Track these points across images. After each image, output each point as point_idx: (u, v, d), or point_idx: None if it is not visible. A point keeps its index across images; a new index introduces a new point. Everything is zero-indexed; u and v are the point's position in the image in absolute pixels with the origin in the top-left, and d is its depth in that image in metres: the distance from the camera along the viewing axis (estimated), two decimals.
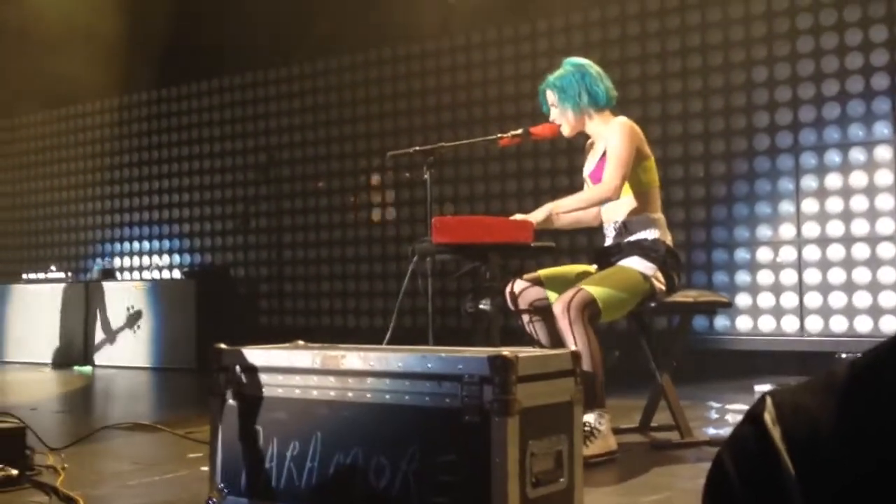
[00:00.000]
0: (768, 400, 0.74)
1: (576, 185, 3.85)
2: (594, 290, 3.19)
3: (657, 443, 3.47)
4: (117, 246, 8.96)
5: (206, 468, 2.45)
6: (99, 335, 7.40)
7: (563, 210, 3.46)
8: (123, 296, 7.35)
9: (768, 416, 0.72)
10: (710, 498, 0.75)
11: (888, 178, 5.28)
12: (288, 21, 7.87)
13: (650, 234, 3.43)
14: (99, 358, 7.31)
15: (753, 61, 5.77)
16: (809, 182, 5.54)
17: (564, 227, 3.64)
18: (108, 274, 7.94)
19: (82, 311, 7.47)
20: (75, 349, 7.43)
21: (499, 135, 3.68)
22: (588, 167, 3.58)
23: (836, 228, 5.43)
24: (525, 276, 3.54)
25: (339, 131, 7.61)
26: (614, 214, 3.47)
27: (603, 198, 3.40)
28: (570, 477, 2.20)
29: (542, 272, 3.56)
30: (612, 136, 3.40)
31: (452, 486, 2.07)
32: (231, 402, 2.41)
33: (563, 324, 3.16)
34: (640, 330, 3.63)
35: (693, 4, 6.01)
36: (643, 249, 3.38)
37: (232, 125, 8.25)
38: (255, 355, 2.41)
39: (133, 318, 7.20)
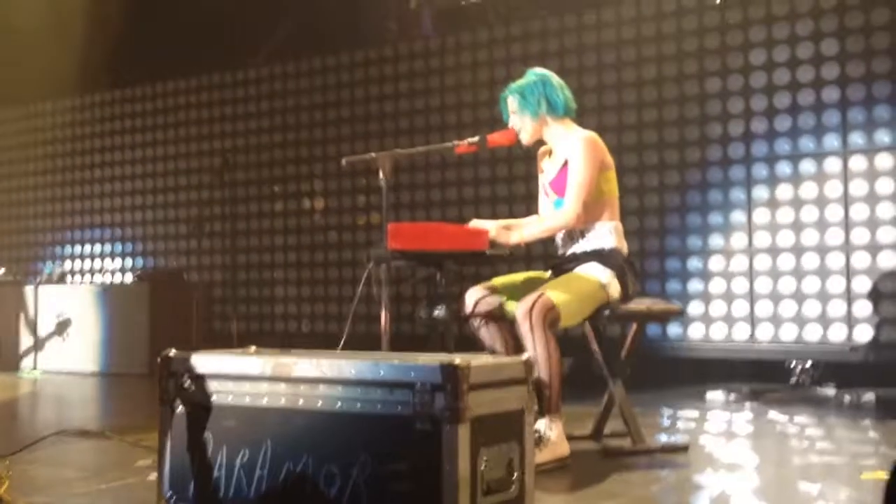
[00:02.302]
0: None
1: (532, 193, 3.86)
2: (555, 295, 3.21)
3: (610, 450, 3.49)
4: (68, 249, 8.82)
5: (154, 476, 2.41)
6: (26, 340, 7.29)
7: (528, 240, 3.49)
8: (62, 300, 7.24)
9: None
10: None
11: (838, 190, 5.38)
12: (244, 24, 7.83)
13: (608, 243, 3.46)
14: (48, 362, 7.18)
15: (707, 73, 5.85)
16: (761, 192, 5.62)
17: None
18: (60, 277, 7.81)
19: (19, 315, 7.36)
20: (10, 353, 7.31)
21: (455, 142, 3.68)
22: (548, 176, 3.60)
23: (786, 238, 5.51)
24: (479, 285, 3.55)
25: (295, 136, 7.57)
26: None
27: (567, 226, 3.45)
28: (522, 484, 2.20)
29: (497, 280, 3.57)
30: (574, 154, 3.43)
31: (404, 494, 2.06)
32: (180, 409, 2.38)
33: (523, 329, 3.17)
34: (593, 337, 3.65)
35: (649, 17, 6.07)
36: (601, 257, 3.42)
37: (187, 128, 8.17)
38: (205, 362, 2.38)
39: (62, 326, 7.10)
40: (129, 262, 8.40)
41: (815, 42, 5.51)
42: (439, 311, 3.44)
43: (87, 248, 8.71)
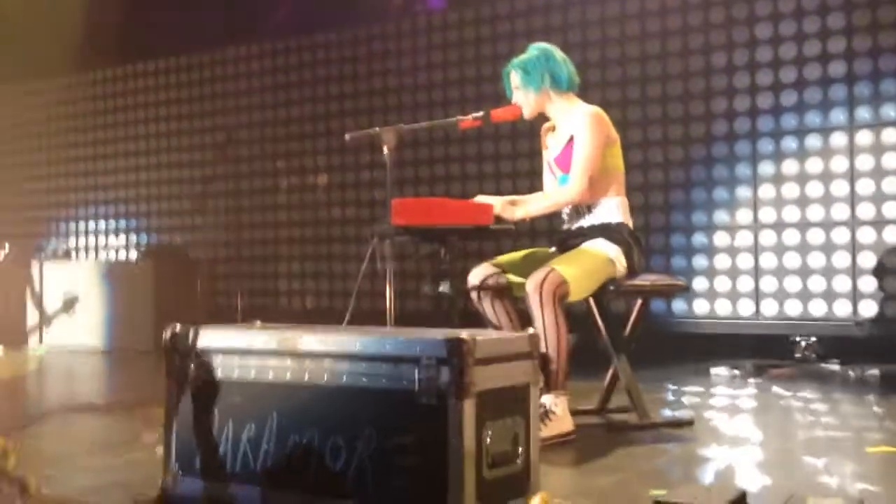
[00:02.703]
0: None
1: (536, 169, 3.85)
2: (564, 270, 3.20)
3: (614, 425, 3.50)
4: (73, 225, 8.83)
5: (160, 450, 2.42)
6: (32, 317, 7.30)
7: (533, 215, 3.48)
8: (67, 277, 7.25)
9: None
10: None
11: (843, 165, 5.35)
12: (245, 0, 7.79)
13: (614, 218, 3.45)
14: (54, 339, 7.21)
15: (712, 47, 5.81)
16: (766, 168, 5.60)
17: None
18: (64, 254, 7.82)
19: (25, 292, 7.37)
20: (16, 330, 7.33)
21: (459, 117, 3.66)
22: (553, 151, 3.59)
23: (791, 214, 5.50)
24: (485, 262, 3.54)
25: (298, 112, 7.55)
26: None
27: (572, 201, 3.44)
28: (527, 458, 2.21)
29: (502, 257, 3.57)
30: (580, 130, 3.41)
31: (409, 468, 2.06)
32: (186, 383, 2.38)
33: (533, 304, 3.16)
34: (598, 313, 3.65)
35: None
36: (608, 232, 3.41)
37: (189, 104, 8.15)
38: (211, 336, 2.38)
39: (68, 303, 7.11)
40: (133, 238, 8.41)
41: (821, 16, 5.46)
42: (444, 287, 3.43)
43: (92, 224, 8.72)
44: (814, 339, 5.40)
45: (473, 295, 3.50)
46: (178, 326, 2.43)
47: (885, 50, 5.29)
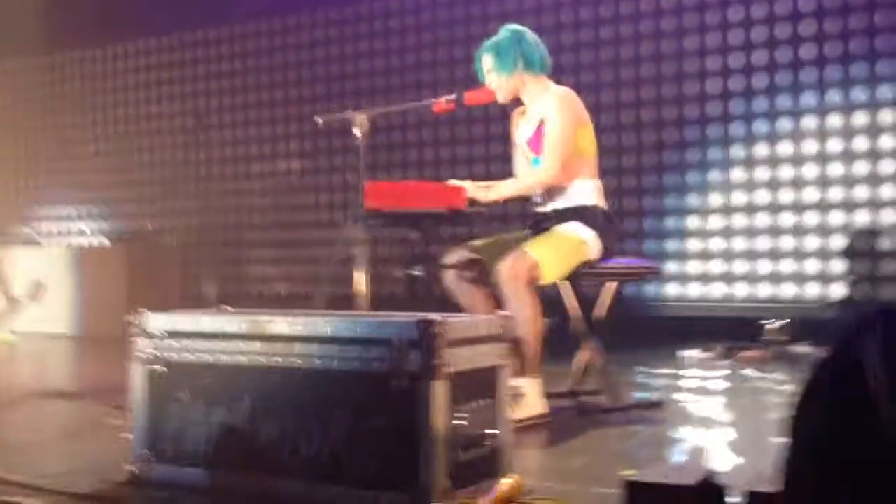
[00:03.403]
0: (878, 325, 0.69)
1: (510, 152, 3.84)
2: (537, 253, 3.20)
3: (586, 407, 3.51)
4: (42, 211, 8.72)
5: (128, 435, 2.40)
6: (1, 303, 7.21)
7: (506, 197, 3.48)
8: (37, 263, 7.17)
9: (871, 345, 0.68)
10: (798, 430, 0.72)
11: (814, 147, 5.39)
12: None
13: (588, 200, 3.45)
14: (24, 325, 7.12)
15: (685, 30, 5.82)
16: (738, 151, 5.63)
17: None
18: (33, 240, 7.73)
19: None
20: None
21: (432, 100, 3.64)
22: (524, 133, 3.58)
23: (762, 197, 5.53)
24: (459, 246, 3.54)
25: (269, 95, 7.49)
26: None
27: (545, 183, 3.44)
28: (498, 440, 2.21)
29: (476, 242, 3.56)
30: (551, 112, 3.40)
31: (381, 451, 2.06)
32: (154, 367, 2.36)
33: (505, 287, 3.16)
34: (571, 295, 3.65)
35: None
36: (581, 215, 3.41)
37: (159, 87, 8.06)
38: (180, 320, 2.36)
39: (38, 289, 7.03)
40: (104, 224, 8.32)
41: None
42: (418, 271, 3.43)
43: (62, 210, 8.62)
44: (784, 321, 5.44)
45: (447, 278, 3.49)
46: (145, 310, 2.41)
47: (855, 33, 5.32)
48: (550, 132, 3.39)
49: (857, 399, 0.67)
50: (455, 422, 2.07)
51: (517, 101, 3.61)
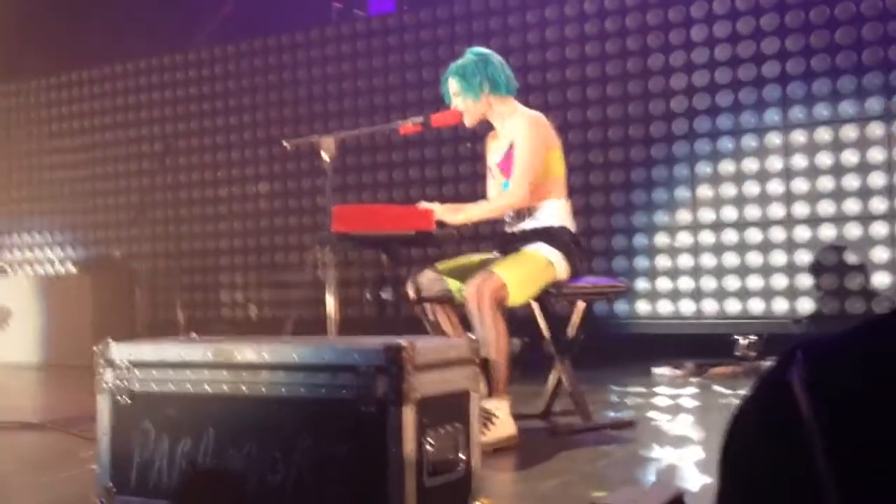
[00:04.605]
0: (798, 355, 0.70)
1: (479, 173, 3.85)
2: (504, 273, 3.20)
3: (557, 428, 3.50)
4: (6, 239, 8.61)
5: (96, 467, 2.36)
6: None
7: (474, 220, 3.51)
8: (3, 291, 7.08)
9: (796, 376, 0.68)
10: (725, 461, 0.72)
11: (779, 164, 5.44)
12: (184, 6, 7.69)
13: (556, 221, 3.46)
14: None
15: (650, 49, 5.87)
16: (704, 168, 5.67)
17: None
18: None
19: None
20: None
21: (399, 122, 3.65)
22: (494, 157, 3.59)
23: (729, 213, 5.57)
24: (428, 268, 3.53)
25: (237, 119, 7.46)
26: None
27: (512, 207, 3.46)
28: (468, 465, 2.20)
29: (444, 264, 3.55)
30: (518, 135, 3.42)
31: (349, 478, 2.04)
32: (119, 398, 2.33)
33: (472, 308, 3.15)
34: (541, 316, 3.65)
35: None
36: (549, 236, 3.42)
37: (126, 113, 8.00)
38: (145, 350, 2.33)
39: (2, 316, 6.94)
40: (70, 251, 8.24)
41: (755, 17, 5.55)
42: (387, 294, 3.42)
43: (27, 237, 8.52)
44: (753, 337, 5.48)
45: (415, 301, 3.48)
46: (110, 340, 2.38)
47: (817, 50, 5.39)
48: (519, 156, 3.41)
49: (784, 420, 0.67)
50: (424, 447, 2.05)
51: (486, 123, 3.62)
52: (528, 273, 3.29)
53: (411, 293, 3.48)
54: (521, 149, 3.40)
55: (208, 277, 7.49)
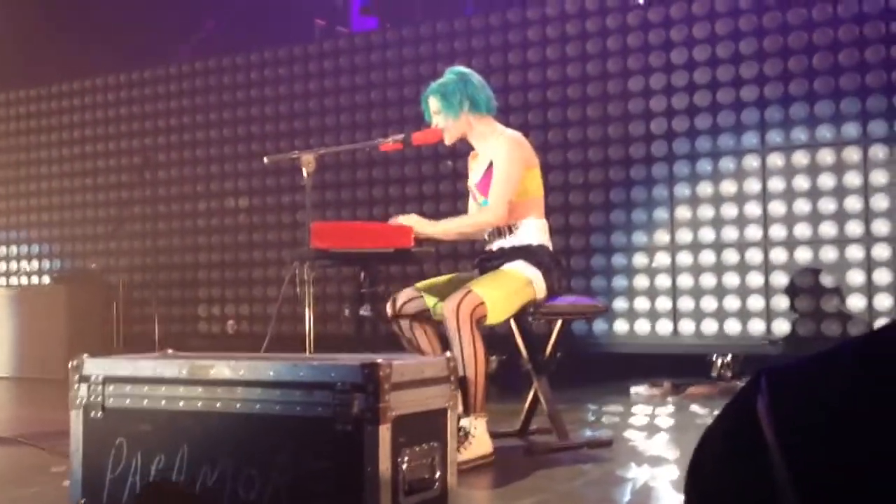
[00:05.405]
0: (763, 382, 0.71)
1: (460, 191, 3.86)
2: (482, 291, 3.20)
3: (534, 447, 3.50)
4: None
5: (68, 483, 2.34)
6: None
7: (448, 233, 3.52)
8: None
9: (761, 403, 0.69)
10: (692, 485, 0.73)
11: (756, 186, 5.49)
12: (166, 19, 7.68)
13: (534, 240, 3.47)
14: None
15: (630, 71, 5.91)
16: (683, 189, 5.71)
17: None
18: None
19: None
20: None
21: (379, 140, 3.65)
22: (474, 177, 3.60)
23: (707, 235, 5.61)
24: (407, 288, 3.53)
25: (218, 134, 7.44)
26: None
27: (489, 224, 3.47)
28: (444, 483, 2.19)
29: (423, 283, 3.55)
30: (498, 155, 3.43)
31: (324, 496, 2.03)
32: (93, 413, 2.31)
33: (450, 326, 3.15)
34: (519, 334, 3.66)
35: (573, 14, 6.12)
36: (527, 254, 3.42)
37: (105, 126, 7.97)
38: (119, 365, 2.32)
39: None
40: (45, 263, 8.17)
41: (734, 41, 5.61)
42: (364, 311, 3.41)
43: (2, 249, 8.44)
44: (729, 357, 5.51)
45: (394, 320, 3.48)
46: (85, 355, 2.36)
47: (795, 75, 5.45)
48: (497, 175, 3.42)
49: (748, 445, 0.68)
50: (400, 466, 2.05)
51: (467, 142, 3.64)
52: (506, 291, 3.30)
53: (389, 310, 3.48)
54: (500, 168, 3.42)
55: (186, 292, 7.45)
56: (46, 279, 7.98)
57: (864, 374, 0.69)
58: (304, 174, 3.40)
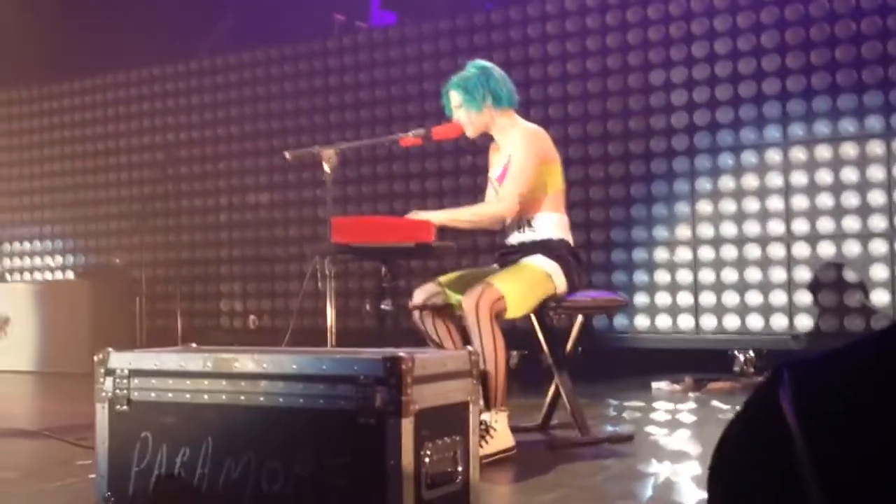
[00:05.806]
0: (785, 375, 0.71)
1: (480, 186, 3.86)
2: (502, 285, 3.20)
3: (555, 441, 3.51)
4: (6, 246, 8.62)
5: (94, 476, 2.36)
6: None
7: (460, 226, 3.48)
8: (2, 298, 7.08)
9: (783, 395, 0.70)
10: (716, 478, 0.73)
11: (778, 181, 5.46)
12: (187, 15, 7.72)
13: (554, 234, 3.47)
14: None
15: (651, 65, 5.89)
16: (704, 184, 5.68)
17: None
18: None
19: None
20: None
21: (400, 134, 3.66)
22: (494, 170, 3.60)
23: (728, 229, 5.58)
24: (428, 282, 3.54)
25: (239, 129, 7.47)
26: (521, 212, 3.49)
27: (500, 215, 3.45)
28: (466, 477, 2.20)
29: (444, 277, 3.56)
30: (515, 148, 3.43)
31: (347, 490, 2.04)
32: (118, 407, 2.33)
33: (471, 320, 3.16)
34: (539, 329, 3.66)
35: (593, 7, 6.09)
36: (547, 248, 3.42)
37: (128, 121, 8.02)
38: (144, 359, 2.33)
39: (1, 324, 6.94)
40: (68, 259, 8.24)
41: (756, 34, 5.57)
42: (386, 305, 3.42)
43: (27, 245, 8.52)
44: (752, 352, 5.48)
45: (415, 314, 3.49)
46: (110, 349, 2.38)
47: (817, 68, 5.41)
48: (511, 168, 3.42)
49: (772, 438, 0.69)
50: (423, 459, 2.05)
51: (488, 136, 3.64)
52: (526, 285, 3.30)
53: (411, 305, 3.49)
54: (515, 161, 3.42)
55: (208, 286, 7.49)
56: (70, 274, 8.05)
57: (884, 367, 0.70)
58: (326, 169, 3.41)
